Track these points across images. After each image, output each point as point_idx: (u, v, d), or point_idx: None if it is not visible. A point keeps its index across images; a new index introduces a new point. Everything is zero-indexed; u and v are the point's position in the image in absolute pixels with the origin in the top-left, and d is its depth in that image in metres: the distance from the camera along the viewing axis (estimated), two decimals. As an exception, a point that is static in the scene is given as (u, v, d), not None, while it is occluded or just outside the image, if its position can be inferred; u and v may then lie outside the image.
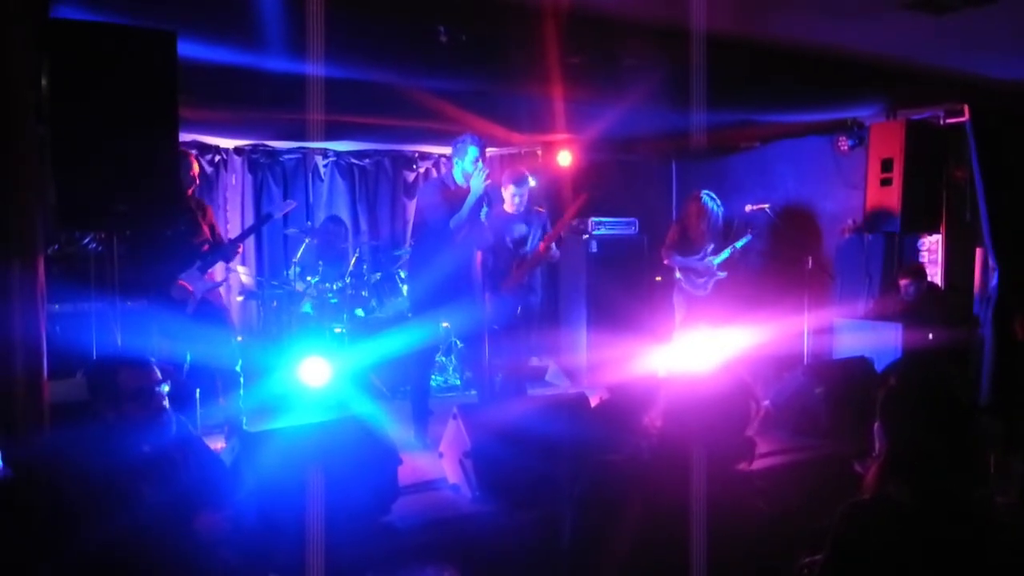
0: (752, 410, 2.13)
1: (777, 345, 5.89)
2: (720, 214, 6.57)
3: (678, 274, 6.62)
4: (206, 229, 5.03)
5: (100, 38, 3.39)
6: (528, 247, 5.57)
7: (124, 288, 4.26)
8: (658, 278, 7.44)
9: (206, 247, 4.96)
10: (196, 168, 5.10)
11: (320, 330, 6.42)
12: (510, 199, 5.51)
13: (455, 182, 4.96)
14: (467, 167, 4.87)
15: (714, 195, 6.57)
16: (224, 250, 5.10)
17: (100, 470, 2.58)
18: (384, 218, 8.38)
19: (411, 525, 3.69)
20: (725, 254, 6.45)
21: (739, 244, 6.47)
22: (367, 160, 8.27)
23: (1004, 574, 1.93)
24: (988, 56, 5.21)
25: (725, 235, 6.61)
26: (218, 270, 5.33)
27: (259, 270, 7.55)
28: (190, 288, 4.78)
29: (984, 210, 5.91)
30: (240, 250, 5.34)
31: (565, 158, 7.69)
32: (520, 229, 5.57)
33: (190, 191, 4.98)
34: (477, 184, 4.79)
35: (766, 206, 6.75)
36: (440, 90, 5.49)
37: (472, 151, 4.87)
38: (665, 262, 6.69)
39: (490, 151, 7.47)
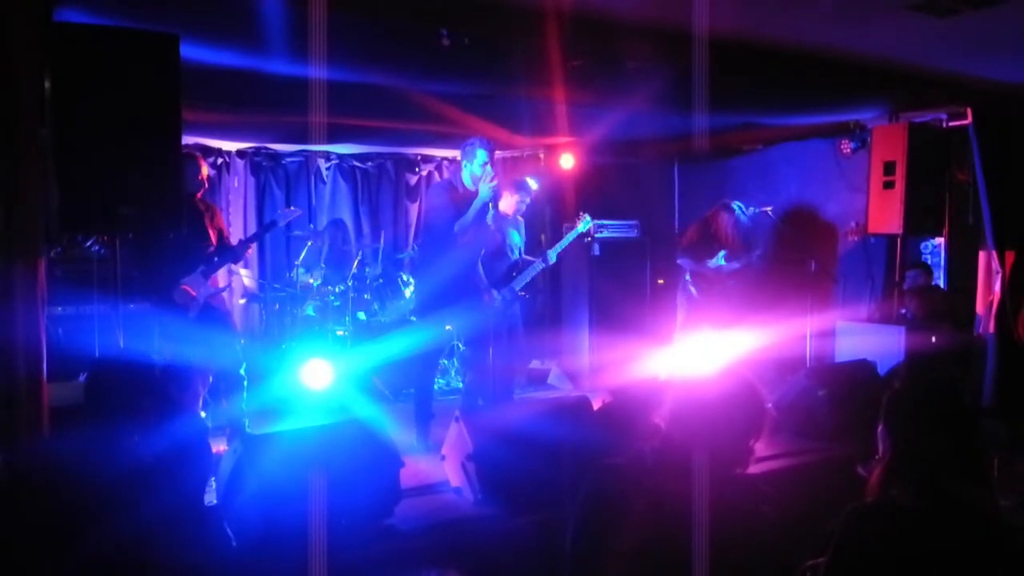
0: (762, 414, 2.12)
1: (780, 348, 5.88)
2: (748, 225, 6.53)
3: (687, 275, 6.60)
4: (212, 233, 5.01)
5: (103, 41, 3.39)
6: (519, 253, 5.54)
7: (127, 290, 4.26)
8: (660, 280, 7.43)
9: (211, 251, 4.95)
10: (205, 172, 5.07)
11: (322, 333, 6.42)
12: (513, 204, 5.49)
13: (463, 185, 4.95)
14: (475, 170, 4.86)
15: (743, 205, 6.53)
16: (230, 253, 5.09)
17: (103, 474, 2.58)
18: (386, 221, 8.38)
19: (413, 528, 3.69)
20: (740, 264, 6.42)
21: (756, 254, 6.45)
22: (369, 163, 8.28)
23: (1008, 577, 1.92)
24: (991, 58, 5.20)
25: (745, 244, 6.57)
26: (221, 275, 5.33)
27: (261, 273, 7.56)
28: (193, 293, 4.77)
29: (987, 213, 5.91)
30: (249, 252, 5.32)
31: (567, 161, 7.70)
32: (514, 235, 5.56)
33: (199, 194, 4.97)
34: (484, 189, 4.77)
35: (768, 209, 6.74)
36: (442, 93, 5.49)
37: (481, 154, 4.85)
38: (678, 261, 6.67)
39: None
